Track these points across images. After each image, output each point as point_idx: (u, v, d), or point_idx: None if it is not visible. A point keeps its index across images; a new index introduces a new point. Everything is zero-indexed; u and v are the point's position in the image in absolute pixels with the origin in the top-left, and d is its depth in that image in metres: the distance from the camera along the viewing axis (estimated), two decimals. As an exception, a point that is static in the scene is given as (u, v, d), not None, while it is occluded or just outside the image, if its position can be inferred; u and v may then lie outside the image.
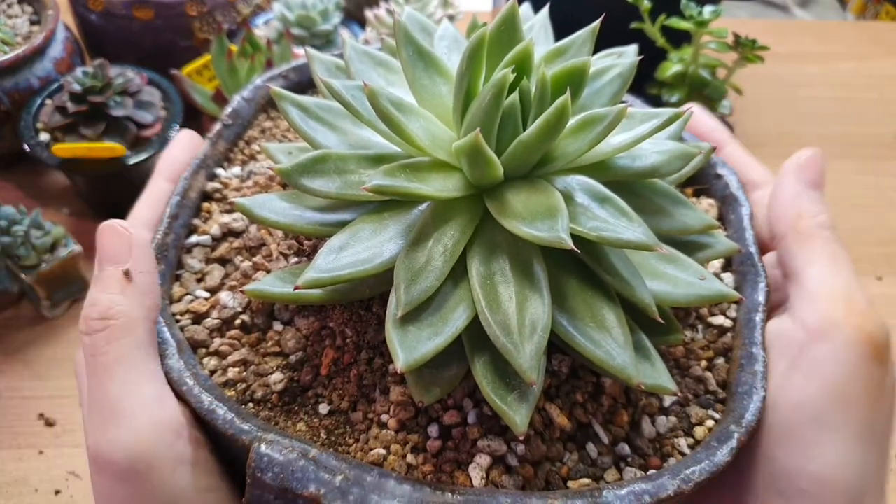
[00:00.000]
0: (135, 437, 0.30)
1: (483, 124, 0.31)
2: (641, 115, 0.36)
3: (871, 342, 0.31)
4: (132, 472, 0.30)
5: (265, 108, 0.48)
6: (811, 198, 0.38)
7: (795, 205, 0.38)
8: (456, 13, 0.93)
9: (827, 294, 0.33)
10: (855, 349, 0.31)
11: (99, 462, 0.30)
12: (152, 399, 0.32)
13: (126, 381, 0.31)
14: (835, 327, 0.32)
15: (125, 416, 0.30)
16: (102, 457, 0.30)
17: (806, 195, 0.38)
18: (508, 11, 0.33)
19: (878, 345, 0.31)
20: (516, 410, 0.29)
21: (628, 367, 0.30)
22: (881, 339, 0.31)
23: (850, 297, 0.33)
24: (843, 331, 0.31)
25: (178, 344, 0.35)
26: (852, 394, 0.31)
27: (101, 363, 0.31)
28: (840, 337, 0.31)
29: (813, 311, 0.33)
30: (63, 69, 0.84)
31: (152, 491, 0.30)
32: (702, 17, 0.79)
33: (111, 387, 0.31)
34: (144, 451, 0.30)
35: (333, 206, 0.36)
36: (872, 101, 1.08)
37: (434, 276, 0.31)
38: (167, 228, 0.39)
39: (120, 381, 0.31)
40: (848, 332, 0.31)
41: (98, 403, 0.31)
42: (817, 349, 0.32)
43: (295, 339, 0.36)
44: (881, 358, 0.31)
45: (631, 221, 0.31)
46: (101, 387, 0.31)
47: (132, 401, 0.31)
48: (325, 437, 0.34)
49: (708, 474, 0.31)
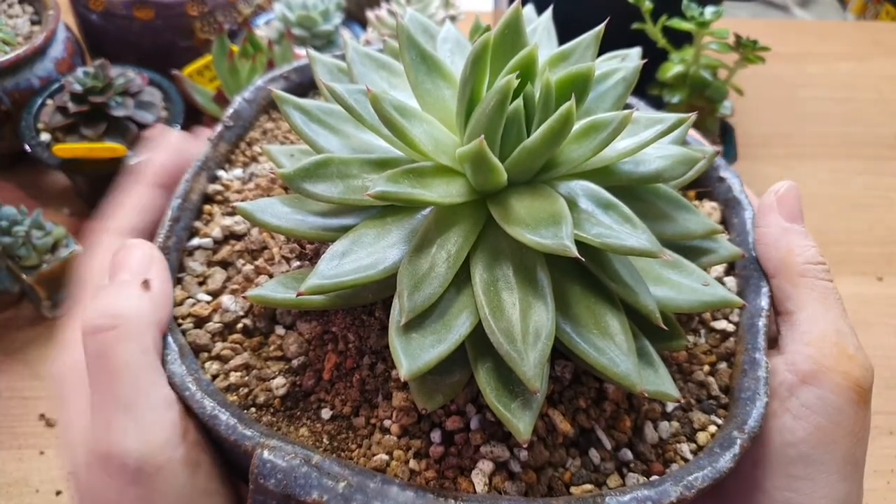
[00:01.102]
0: (145, 439, 0.30)
1: (487, 130, 0.31)
2: (646, 119, 0.36)
3: (856, 388, 0.33)
4: (142, 473, 0.30)
5: (266, 110, 0.48)
6: (797, 232, 0.39)
7: (784, 242, 0.38)
8: (457, 14, 0.92)
9: (817, 339, 0.35)
10: (843, 395, 0.33)
11: (108, 464, 0.30)
12: (161, 401, 0.32)
13: (136, 384, 0.31)
14: (824, 373, 0.33)
15: (135, 418, 0.30)
16: (113, 458, 0.30)
17: (792, 231, 0.39)
18: (512, 15, 0.33)
19: (862, 389, 0.33)
20: (520, 418, 0.29)
21: (631, 373, 0.30)
22: (866, 382, 0.33)
23: (839, 343, 0.34)
24: (831, 377, 0.33)
25: (179, 348, 0.35)
26: (838, 435, 0.33)
27: (110, 364, 0.31)
28: (829, 383, 0.33)
29: (804, 355, 0.34)
30: (64, 69, 0.83)
31: (160, 493, 0.30)
32: (703, 17, 0.79)
33: (120, 388, 0.31)
34: (154, 453, 0.30)
35: (336, 210, 0.35)
36: (872, 101, 1.08)
37: (437, 283, 0.31)
38: (168, 231, 0.39)
39: (129, 383, 0.31)
40: (836, 379, 0.33)
41: (105, 405, 0.31)
42: (806, 393, 0.34)
43: (297, 343, 0.36)
44: (864, 400, 0.33)
45: (635, 228, 0.31)
46: (108, 388, 0.31)
47: (142, 403, 0.31)
48: (327, 442, 0.34)
49: (710, 480, 0.31)
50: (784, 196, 0.40)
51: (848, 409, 0.33)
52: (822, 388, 0.33)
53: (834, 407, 0.33)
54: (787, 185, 0.40)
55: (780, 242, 0.38)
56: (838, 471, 0.33)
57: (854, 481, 0.33)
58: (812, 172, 0.95)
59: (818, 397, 0.33)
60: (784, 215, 0.39)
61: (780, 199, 0.40)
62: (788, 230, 0.39)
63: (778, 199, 0.40)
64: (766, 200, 0.40)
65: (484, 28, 0.35)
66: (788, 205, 0.40)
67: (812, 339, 0.35)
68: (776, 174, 0.93)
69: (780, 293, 0.38)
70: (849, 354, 0.34)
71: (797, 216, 0.39)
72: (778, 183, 0.41)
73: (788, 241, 0.38)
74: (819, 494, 0.33)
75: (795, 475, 0.33)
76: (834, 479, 0.33)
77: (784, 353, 0.36)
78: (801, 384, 0.34)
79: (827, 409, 0.33)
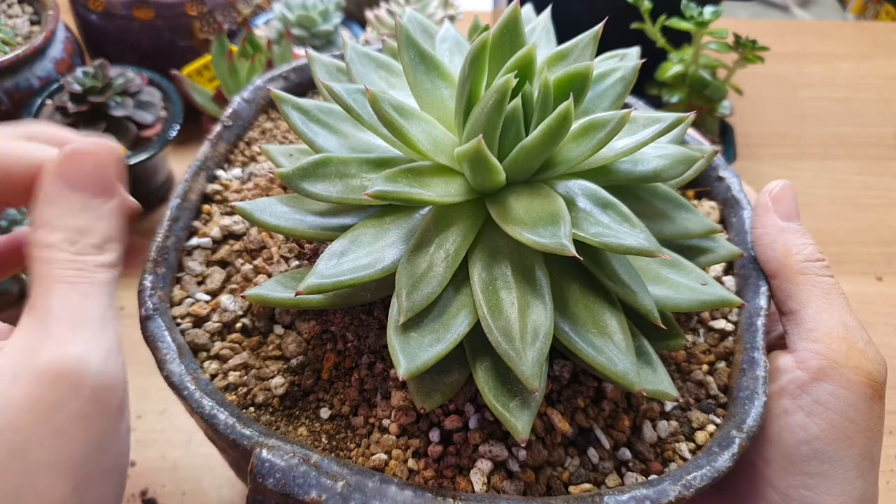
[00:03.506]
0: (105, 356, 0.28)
1: (485, 129, 0.31)
2: (644, 119, 0.36)
3: (870, 382, 0.33)
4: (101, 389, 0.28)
5: (265, 109, 0.48)
6: (794, 231, 0.38)
7: (781, 241, 0.38)
8: (456, 13, 0.92)
9: (826, 334, 0.34)
10: (855, 390, 0.32)
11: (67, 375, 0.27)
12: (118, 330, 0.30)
13: (106, 309, 0.30)
14: (835, 368, 0.33)
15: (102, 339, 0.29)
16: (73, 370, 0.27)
17: (789, 229, 0.39)
18: (510, 15, 0.33)
19: (876, 383, 0.33)
20: (518, 417, 0.29)
21: (630, 373, 0.30)
22: (879, 377, 0.33)
23: (848, 337, 0.34)
24: (844, 372, 0.33)
25: (178, 348, 0.35)
26: (853, 431, 0.32)
27: (85, 283, 0.29)
28: (841, 379, 0.33)
29: (812, 352, 0.34)
30: (63, 69, 0.83)
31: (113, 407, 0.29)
32: (702, 17, 0.79)
33: (92, 309, 0.29)
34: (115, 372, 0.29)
35: (334, 210, 0.35)
36: (872, 101, 1.08)
37: (436, 282, 0.31)
38: (167, 231, 0.39)
39: (101, 307, 0.29)
40: (848, 374, 0.33)
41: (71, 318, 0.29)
42: (819, 389, 0.33)
43: (296, 342, 0.36)
44: (879, 394, 0.33)
45: (633, 227, 0.31)
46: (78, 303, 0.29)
47: (110, 326, 0.29)
48: (326, 441, 0.34)
49: (709, 480, 0.31)
50: (778, 195, 0.40)
51: (861, 403, 0.32)
52: (834, 383, 0.33)
53: (847, 402, 0.32)
54: (780, 184, 0.40)
55: (778, 242, 0.38)
56: (855, 467, 0.32)
57: (870, 478, 0.33)
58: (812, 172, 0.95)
59: (830, 393, 0.33)
60: (780, 214, 0.39)
61: (774, 199, 0.40)
62: (785, 229, 0.38)
63: (772, 198, 0.40)
64: (760, 201, 0.40)
65: (483, 28, 0.35)
66: (783, 204, 0.39)
67: (819, 336, 0.34)
68: (775, 174, 0.93)
69: (781, 293, 0.37)
70: (858, 349, 0.33)
71: (793, 214, 0.39)
72: (771, 182, 0.41)
73: (786, 240, 0.38)
74: (836, 492, 0.32)
75: (811, 472, 0.33)
76: (851, 475, 0.32)
77: (793, 350, 0.35)
78: (813, 381, 0.33)
79: (840, 404, 0.32)
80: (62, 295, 0.29)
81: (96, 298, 0.30)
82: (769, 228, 0.39)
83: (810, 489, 0.32)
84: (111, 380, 0.28)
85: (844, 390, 0.33)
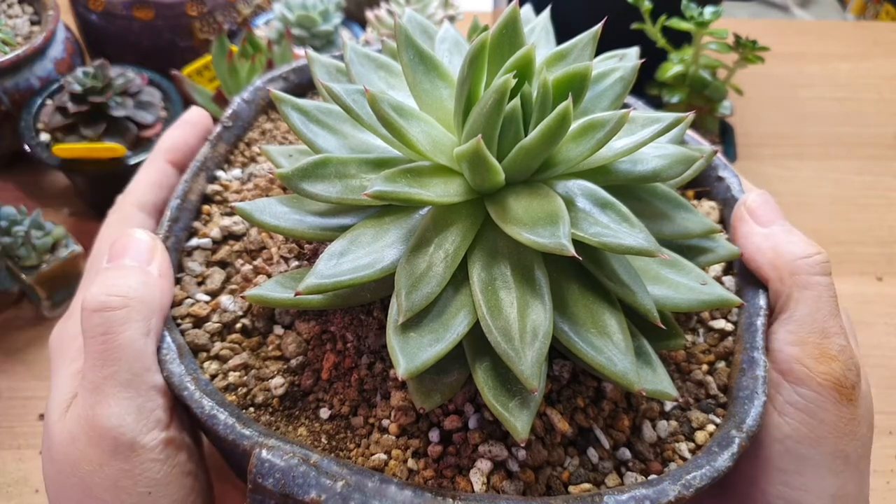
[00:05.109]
0: (138, 419, 0.32)
1: (484, 130, 0.31)
2: (643, 118, 0.36)
3: (837, 387, 0.34)
4: (128, 450, 0.31)
5: (265, 110, 0.48)
6: (779, 232, 0.39)
7: (767, 246, 0.38)
8: (456, 14, 0.92)
9: (802, 339, 0.35)
10: (824, 393, 0.34)
11: (96, 436, 0.31)
12: (156, 386, 0.33)
13: (136, 364, 0.33)
14: (804, 373, 0.35)
15: (131, 397, 0.32)
16: (103, 432, 0.31)
17: (773, 234, 0.39)
18: (510, 15, 0.33)
19: (844, 387, 0.34)
20: (517, 417, 0.29)
21: (629, 372, 0.30)
22: (848, 381, 0.34)
23: (823, 343, 0.35)
24: (813, 377, 0.34)
25: (178, 348, 0.35)
26: (823, 431, 0.34)
27: (113, 342, 0.32)
28: (811, 383, 0.34)
29: (787, 354, 0.35)
30: (63, 69, 0.83)
31: (141, 470, 0.31)
32: (702, 17, 0.79)
33: (120, 366, 0.32)
34: (143, 433, 0.32)
35: (334, 210, 0.35)
36: (872, 101, 1.08)
37: (435, 282, 0.31)
38: (167, 231, 0.39)
39: (130, 363, 0.32)
40: (817, 379, 0.34)
41: (101, 380, 0.32)
42: (789, 391, 0.35)
43: (296, 343, 0.36)
44: (848, 397, 0.34)
45: (632, 227, 0.31)
46: (108, 365, 0.32)
47: (139, 384, 0.32)
48: (326, 441, 0.34)
49: (709, 480, 0.31)
50: (753, 207, 0.40)
51: (830, 406, 0.34)
52: (804, 386, 0.34)
53: (816, 404, 0.34)
54: (754, 194, 0.41)
55: (764, 247, 0.38)
56: (826, 465, 0.34)
57: (847, 476, 0.34)
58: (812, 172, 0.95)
59: (801, 395, 0.34)
60: (760, 223, 0.40)
61: (751, 211, 0.40)
62: (769, 235, 0.39)
63: (749, 211, 0.40)
64: (737, 213, 0.41)
65: (482, 28, 0.35)
66: (761, 212, 0.40)
67: (795, 340, 0.36)
68: (775, 174, 0.93)
69: (773, 294, 0.38)
70: (831, 355, 0.35)
71: (774, 218, 0.40)
72: (745, 194, 0.42)
73: (772, 243, 0.38)
74: (808, 487, 0.34)
75: (785, 469, 0.34)
76: (823, 472, 0.34)
77: (770, 351, 0.37)
78: (786, 385, 0.35)
79: (809, 406, 0.34)
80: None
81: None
82: (753, 237, 0.39)
83: (785, 485, 0.34)
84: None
85: (812, 393, 0.34)
